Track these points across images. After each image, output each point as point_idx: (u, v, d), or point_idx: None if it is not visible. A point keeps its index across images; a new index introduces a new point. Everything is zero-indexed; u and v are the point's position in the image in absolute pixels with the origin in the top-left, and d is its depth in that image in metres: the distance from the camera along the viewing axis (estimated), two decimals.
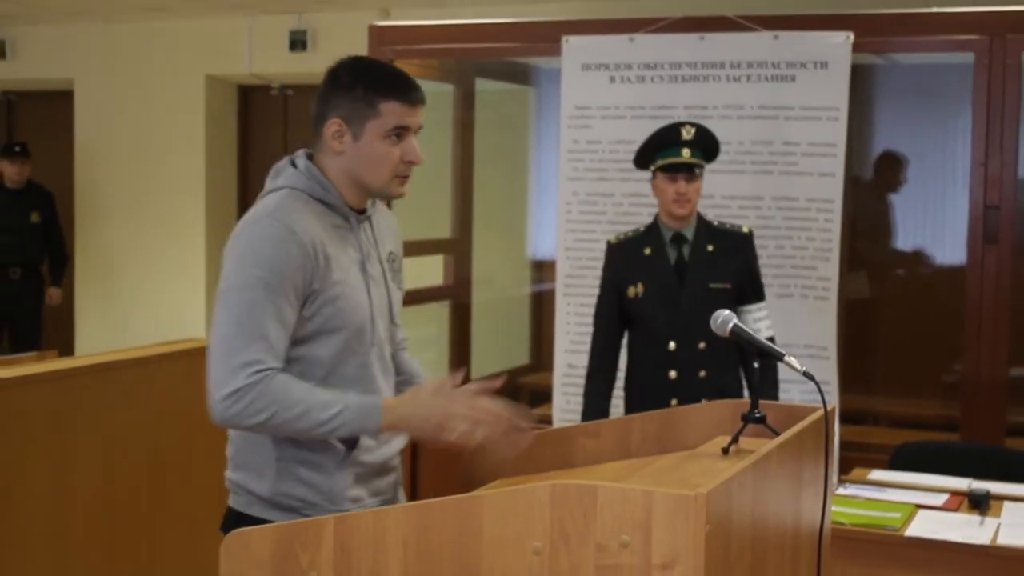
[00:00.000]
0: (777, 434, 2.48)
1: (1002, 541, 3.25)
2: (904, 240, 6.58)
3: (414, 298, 6.26)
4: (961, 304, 4.95)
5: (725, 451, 2.50)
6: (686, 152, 4.01)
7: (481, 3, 7.09)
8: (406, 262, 2.82)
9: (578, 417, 4.36)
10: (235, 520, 2.53)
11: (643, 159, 4.15)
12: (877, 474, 4.01)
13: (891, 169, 6.48)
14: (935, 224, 6.46)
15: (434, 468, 5.50)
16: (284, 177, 2.56)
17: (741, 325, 2.75)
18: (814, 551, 2.58)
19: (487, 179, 6.55)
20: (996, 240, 4.85)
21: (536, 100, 7.04)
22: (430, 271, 6.42)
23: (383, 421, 2.43)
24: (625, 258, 4.17)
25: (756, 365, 2.68)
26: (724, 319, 2.72)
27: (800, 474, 2.51)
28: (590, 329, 4.32)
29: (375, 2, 7.45)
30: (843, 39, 4.86)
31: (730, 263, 4.10)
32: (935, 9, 5.04)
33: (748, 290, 4.13)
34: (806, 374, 2.62)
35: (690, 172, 4.01)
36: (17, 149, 8.13)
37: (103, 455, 4.13)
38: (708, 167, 4.12)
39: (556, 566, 1.93)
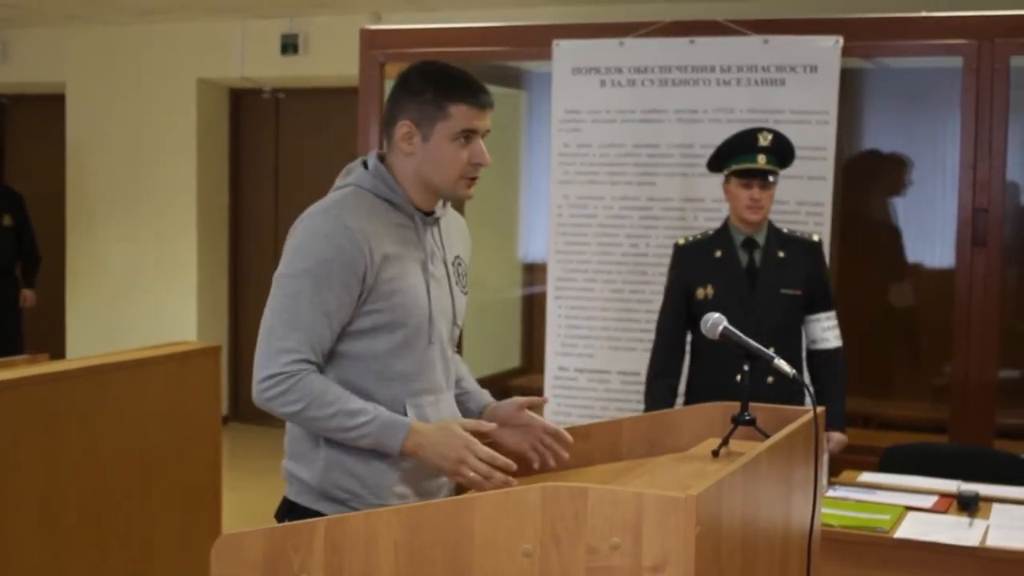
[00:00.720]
0: (767, 436, 2.49)
1: (991, 543, 3.26)
2: (893, 243, 6.60)
3: None
4: (950, 307, 4.97)
5: (715, 453, 2.51)
6: (762, 159, 4.00)
7: (472, 7, 7.11)
8: None
9: (569, 419, 4.37)
10: (287, 509, 2.61)
11: (717, 163, 4.14)
12: (867, 476, 4.01)
13: (894, 171, 6.49)
14: (924, 227, 6.48)
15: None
16: (353, 176, 2.63)
17: (731, 328, 2.76)
18: (804, 553, 2.59)
19: (478, 182, 6.55)
20: (984, 243, 4.87)
21: (527, 104, 7.05)
22: None
23: (406, 444, 2.48)
24: (694, 260, 4.15)
25: (746, 368, 2.69)
26: (714, 322, 2.73)
27: (790, 476, 2.52)
28: (580, 332, 4.33)
29: (366, 6, 7.46)
30: (832, 43, 4.88)
31: (800, 270, 4.10)
32: (924, 14, 5.06)
33: (817, 298, 4.13)
34: (795, 377, 2.63)
35: (764, 179, 4.01)
36: None
37: (94, 458, 4.13)
38: (696, 171, 4.13)
39: (547, 568, 1.93)
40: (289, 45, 7.99)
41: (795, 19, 5.14)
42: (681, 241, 4.25)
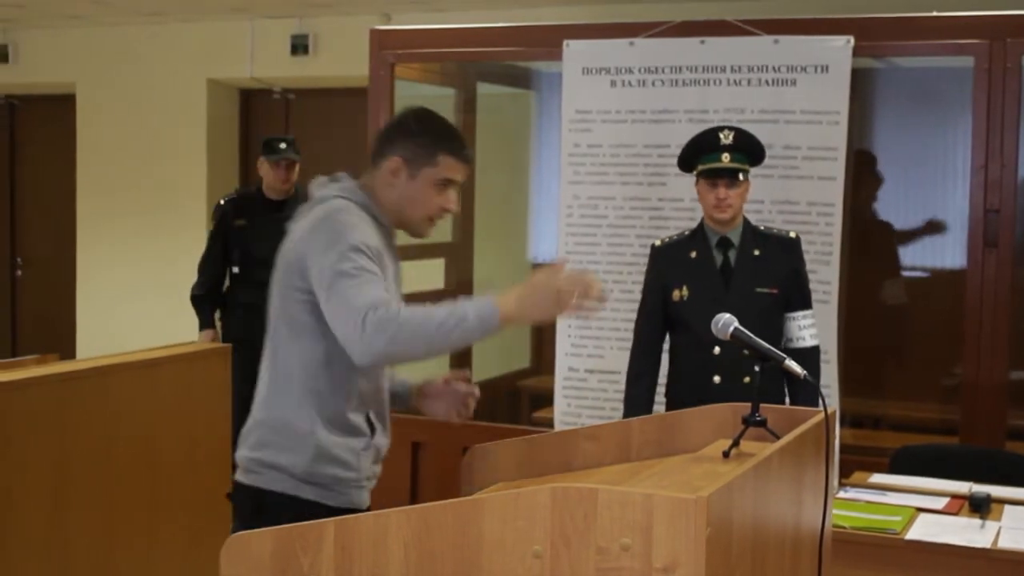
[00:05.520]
0: (778, 438, 2.49)
1: (1003, 544, 3.25)
2: (905, 244, 6.58)
3: (415, 301, 6.27)
4: (961, 307, 4.95)
5: (726, 454, 2.51)
6: (726, 157, 3.98)
7: (482, 7, 7.10)
8: (408, 265, 3.12)
9: (579, 420, 4.36)
10: (258, 499, 2.84)
11: (686, 163, 4.13)
12: (878, 477, 4.00)
13: (905, 171, 6.46)
14: (936, 227, 6.45)
15: (435, 470, 5.50)
16: (336, 188, 2.89)
17: (741, 328, 2.76)
18: (815, 554, 2.59)
19: (488, 183, 6.55)
20: (996, 244, 4.85)
21: (537, 104, 7.04)
22: (431, 275, 6.42)
23: (505, 317, 2.67)
24: (670, 261, 4.13)
25: (757, 369, 2.68)
26: (725, 322, 2.72)
27: (801, 477, 2.51)
28: (590, 332, 4.31)
29: (376, 6, 7.47)
30: (843, 43, 4.87)
31: (777, 268, 4.07)
32: (935, 13, 5.04)
33: (795, 296, 4.09)
34: (806, 378, 2.62)
35: (731, 177, 3.98)
36: None
37: (103, 459, 4.13)
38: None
39: (557, 569, 1.93)
40: (299, 45, 7.99)
41: (806, 19, 5.12)
42: (658, 243, 4.24)
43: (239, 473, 2.92)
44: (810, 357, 4.04)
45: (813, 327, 4.11)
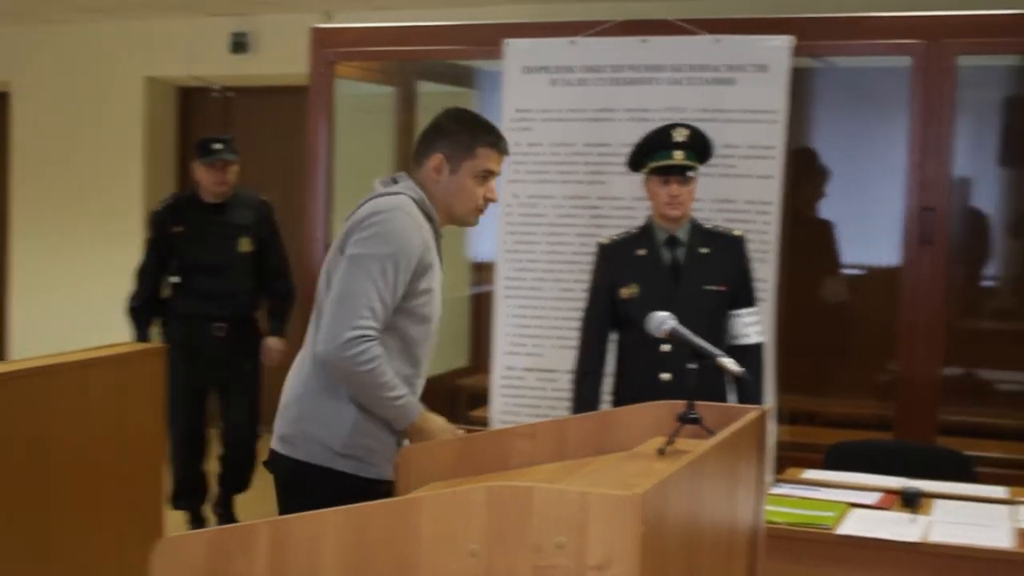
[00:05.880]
0: (713, 434, 2.51)
1: (933, 539, 3.29)
2: (841, 241, 6.65)
3: None
4: (896, 304, 5.01)
5: (661, 452, 2.52)
6: (679, 154, 3.99)
7: (423, 6, 7.09)
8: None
9: (517, 419, 4.36)
10: (300, 471, 3.04)
11: (635, 161, 4.12)
12: (811, 473, 4.03)
13: (842, 170, 6.52)
14: (872, 225, 6.53)
15: None
16: (401, 186, 3.08)
17: (678, 326, 2.77)
18: (748, 550, 2.61)
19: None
20: (931, 241, 4.91)
21: (479, 102, 7.04)
22: None
23: (414, 424, 3.02)
24: (618, 259, 4.13)
25: (693, 367, 2.70)
26: (659, 320, 2.74)
27: (735, 474, 2.53)
28: (529, 331, 4.31)
29: (317, 4, 7.43)
30: (783, 43, 4.90)
31: (724, 266, 4.08)
32: (874, 14, 5.10)
33: (740, 293, 4.11)
34: (741, 376, 2.65)
35: (683, 174, 4.00)
36: None
37: (37, 459, 4.08)
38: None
39: (492, 568, 1.93)
40: (239, 43, 7.94)
41: (746, 19, 5.15)
42: (605, 240, 4.23)
43: (276, 443, 3.11)
44: (754, 354, 4.08)
45: (758, 324, 4.14)
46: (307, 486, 3.01)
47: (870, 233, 6.51)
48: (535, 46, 5.26)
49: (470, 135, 3.11)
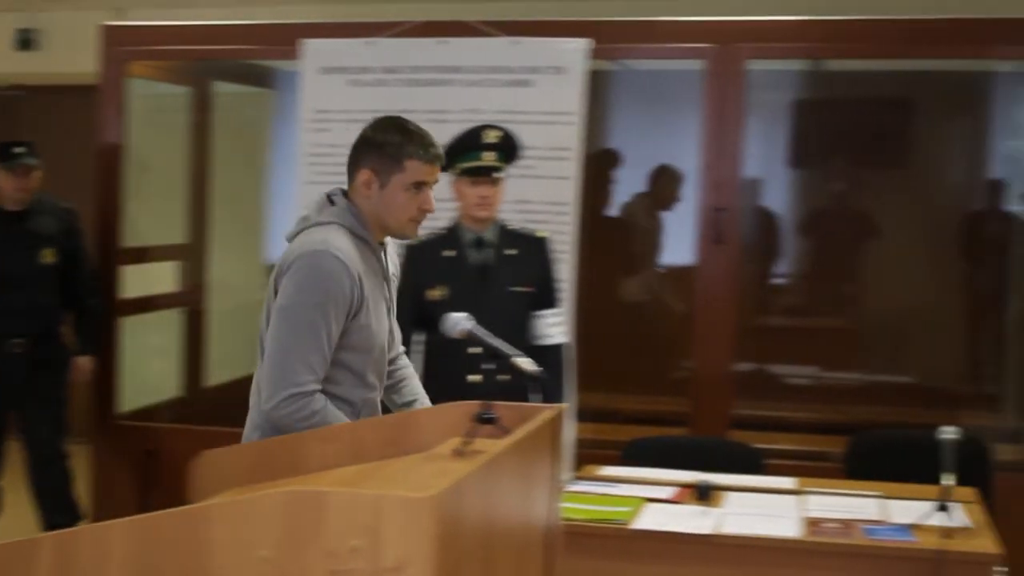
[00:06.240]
0: (509, 434, 2.52)
1: (724, 530, 3.39)
2: (638, 241, 6.79)
3: (147, 305, 6.09)
4: (691, 303, 5.14)
5: (458, 452, 2.53)
6: (489, 156, 4.02)
7: (219, 4, 6.95)
8: (139, 268, 3.01)
9: None
10: None
11: (445, 161, 4.12)
12: (608, 470, 4.10)
13: (639, 171, 6.66)
14: (668, 225, 6.69)
15: (169, 480, 5.35)
16: (330, 213, 3.01)
17: (475, 327, 2.79)
18: (545, 548, 2.64)
19: (225, 183, 6.43)
20: (723, 240, 5.06)
21: (278, 103, 6.96)
22: (163, 277, 6.26)
23: None
24: (425, 260, 4.11)
25: (492, 367, 2.72)
26: (454, 321, 2.75)
27: (531, 473, 2.56)
28: None
29: (107, 1, 7.21)
30: (580, 45, 4.97)
31: (530, 267, 4.11)
32: (669, 18, 5.22)
33: (544, 294, 4.15)
34: (536, 375, 2.67)
35: (493, 176, 4.02)
36: None
37: None
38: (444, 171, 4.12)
39: (285, 573, 1.91)
40: (25, 40, 7.66)
41: (544, 21, 5.21)
42: (412, 241, 4.24)
43: None
44: (557, 354, 4.14)
45: (560, 325, 4.19)
46: None
47: (668, 232, 6.67)
48: (332, 46, 5.22)
49: (397, 147, 3.00)
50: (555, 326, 4.16)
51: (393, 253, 3.20)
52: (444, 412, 2.81)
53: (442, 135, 4.94)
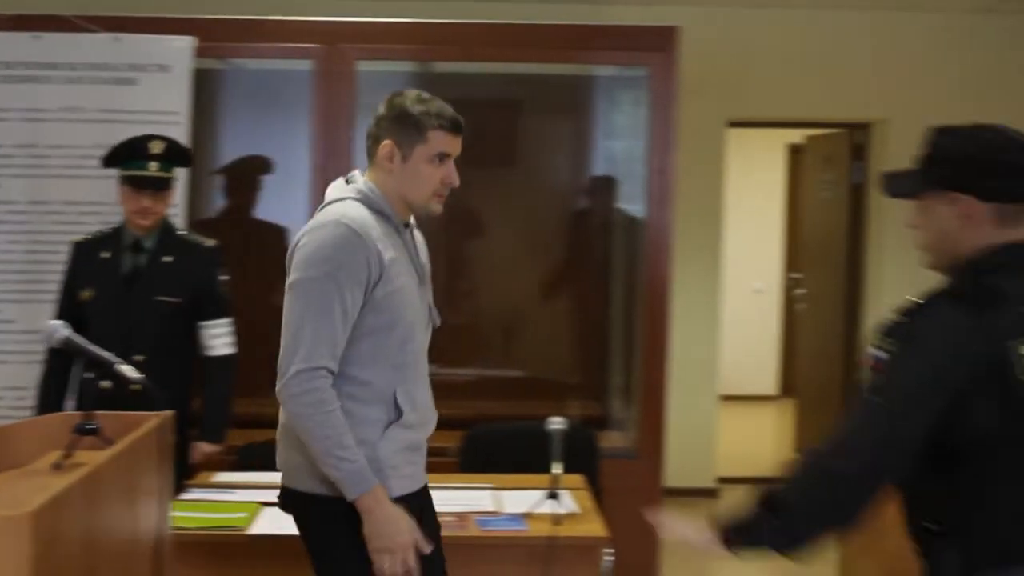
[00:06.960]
0: (112, 445, 2.44)
1: None
2: (261, 242, 6.68)
3: None
4: None
5: (57, 466, 2.42)
6: (153, 166, 3.98)
7: None
8: None
9: None
10: (287, 497, 2.91)
11: (110, 163, 4.05)
12: (223, 476, 4.05)
13: (253, 172, 6.53)
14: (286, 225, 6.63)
15: None
16: (347, 190, 2.89)
17: (73, 337, 2.68)
18: (154, 559, 2.57)
19: None
20: None
21: None
22: None
23: (363, 498, 2.73)
24: (83, 259, 4.04)
25: (90, 376, 2.63)
26: (52, 329, 2.64)
27: (137, 483, 2.49)
28: None
29: None
30: (185, 43, 4.88)
31: (188, 276, 4.04)
32: (277, 17, 5.20)
33: (208, 305, 4.08)
34: (141, 382, 2.60)
35: (157, 187, 3.97)
36: None
37: None
38: (46, 173, 3.98)
39: None
40: None
41: (148, 17, 5.07)
42: (79, 239, 4.15)
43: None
44: (223, 364, 4.11)
45: (227, 335, 4.14)
46: (301, 513, 2.88)
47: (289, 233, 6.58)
48: None
49: (419, 117, 2.88)
50: (219, 337, 4.13)
51: (422, 242, 3.06)
52: (42, 424, 2.69)
53: (40, 134, 4.76)
